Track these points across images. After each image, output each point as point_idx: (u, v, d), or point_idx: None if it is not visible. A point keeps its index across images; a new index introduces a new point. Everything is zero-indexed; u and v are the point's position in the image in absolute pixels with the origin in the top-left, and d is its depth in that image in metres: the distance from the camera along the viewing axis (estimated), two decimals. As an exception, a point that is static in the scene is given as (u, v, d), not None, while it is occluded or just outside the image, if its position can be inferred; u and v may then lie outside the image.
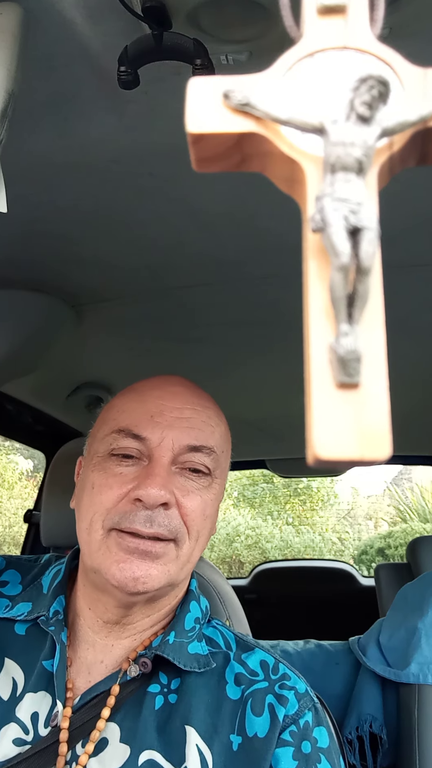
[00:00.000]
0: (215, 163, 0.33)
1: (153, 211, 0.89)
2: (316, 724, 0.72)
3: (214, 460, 0.74)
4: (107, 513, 0.69)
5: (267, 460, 2.56)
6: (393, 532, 7.62)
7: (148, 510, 0.67)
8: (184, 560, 0.71)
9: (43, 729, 0.67)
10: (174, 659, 0.70)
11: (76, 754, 0.66)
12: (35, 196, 0.84)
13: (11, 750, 0.66)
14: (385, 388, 0.28)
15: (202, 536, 0.73)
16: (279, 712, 0.70)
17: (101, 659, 0.73)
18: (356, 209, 0.28)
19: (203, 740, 0.67)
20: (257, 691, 0.72)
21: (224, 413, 0.84)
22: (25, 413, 1.63)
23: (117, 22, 0.56)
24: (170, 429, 0.72)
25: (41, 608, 0.75)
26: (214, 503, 0.75)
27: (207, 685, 0.72)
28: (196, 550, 0.72)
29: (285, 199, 0.34)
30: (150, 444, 0.71)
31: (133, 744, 0.66)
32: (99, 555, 0.69)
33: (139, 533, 0.67)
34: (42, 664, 0.71)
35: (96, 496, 0.70)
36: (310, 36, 0.32)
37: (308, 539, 8.40)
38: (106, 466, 0.72)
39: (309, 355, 0.28)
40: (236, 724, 0.69)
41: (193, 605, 0.78)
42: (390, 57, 0.31)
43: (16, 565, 0.84)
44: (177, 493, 0.70)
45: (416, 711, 1.15)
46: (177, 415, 0.73)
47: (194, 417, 0.74)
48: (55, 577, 0.78)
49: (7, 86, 0.53)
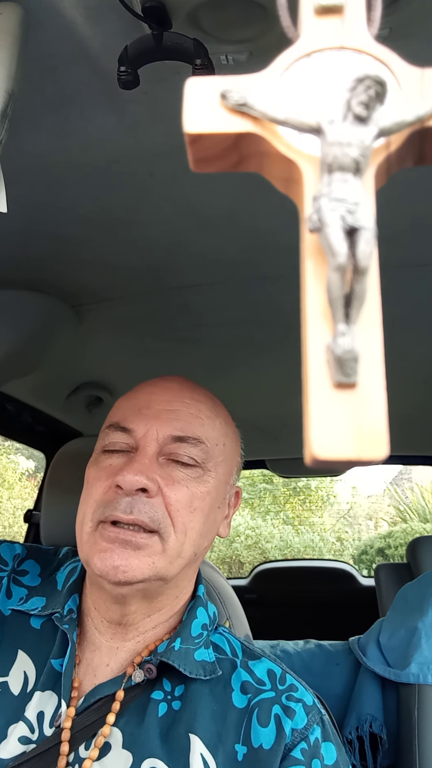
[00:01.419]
0: (213, 164, 0.33)
1: (153, 211, 0.89)
2: (324, 739, 0.71)
3: (203, 452, 0.73)
4: (97, 506, 0.70)
5: (266, 460, 2.56)
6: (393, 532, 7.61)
7: (128, 497, 0.68)
8: (173, 555, 0.69)
9: (48, 729, 0.67)
10: (179, 666, 0.69)
11: (79, 757, 0.66)
12: (35, 196, 0.84)
13: (17, 748, 0.66)
14: (383, 387, 0.28)
15: (191, 529, 0.71)
16: (285, 724, 0.69)
17: (107, 662, 0.73)
18: (353, 209, 0.28)
19: (208, 749, 0.67)
20: (264, 700, 0.71)
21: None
22: (25, 413, 1.63)
23: (117, 22, 0.56)
24: (155, 420, 0.73)
25: (56, 605, 0.75)
26: (205, 497, 0.73)
27: (212, 692, 0.71)
28: (187, 544, 0.71)
29: (285, 199, 0.34)
30: (136, 435, 0.72)
31: (135, 751, 0.66)
32: (87, 547, 0.69)
33: (120, 520, 0.67)
34: (51, 662, 0.72)
35: (89, 490, 0.72)
36: (307, 36, 0.32)
37: (308, 539, 8.40)
38: (99, 461, 0.74)
39: (306, 355, 0.28)
40: (242, 734, 0.69)
41: (200, 611, 0.77)
42: (387, 57, 0.31)
43: (36, 555, 0.84)
44: (161, 482, 0.70)
45: (416, 711, 1.15)
46: (164, 408, 0.74)
47: (182, 409, 0.74)
48: (70, 574, 0.79)
49: (7, 86, 0.53)
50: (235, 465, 0.81)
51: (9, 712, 0.69)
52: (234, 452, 0.81)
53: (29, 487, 8.86)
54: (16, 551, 0.83)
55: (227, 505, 0.81)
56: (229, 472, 0.79)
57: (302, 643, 1.39)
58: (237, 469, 0.82)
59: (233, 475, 0.81)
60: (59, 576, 0.80)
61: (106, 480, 0.71)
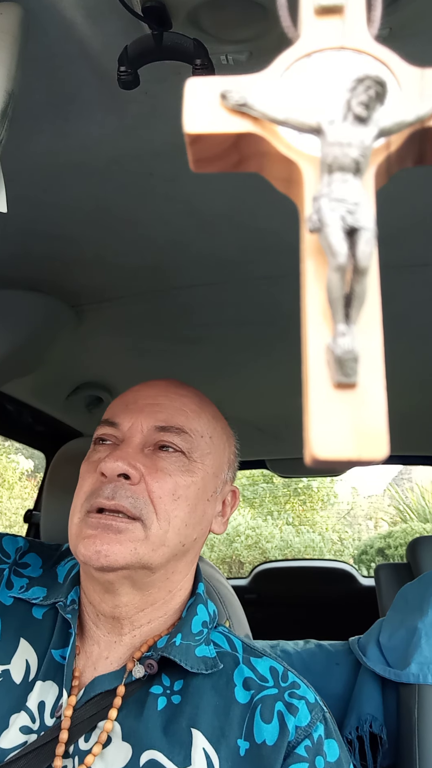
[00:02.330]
0: (213, 164, 0.33)
1: (153, 211, 0.89)
2: (327, 736, 0.72)
3: (187, 441, 0.74)
4: (85, 497, 0.72)
5: (267, 460, 2.56)
6: (393, 532, 7.61)
7: (111, 483, 0.69)
8: (156, 542, 0.69)
9: (49, 719, 0.68)
10: (181, 661, 0.70)
11: (79, 749, 0.66)
12: (35, 196, 0.84)
13: (18, 737, 0.67)
14: (383, 388, 0.28)
15: (174, 517, 0.71)
16: (288, 721, 0.70)
17: (106, 655, 0.73)
18: (353, 209, 0.28)
19: (210, 744, 0.67)
20: (267, 697, 0.71)
21: (224, 413, 0.84)
22: (25, 413, 1.63)
23: (117, 22, 0.56)
24: (140, 413, 0.75)
25: (58, 595, 0.76)
26: (190, 486, 0.73)
27: (215, 687, 0.71)
28: (171, 533, 0.71)
29: (284, 199, 0.34)
30: (122, 429, 0.75)
31: (134, 743, 0.66)
32: (74, 536, 0.70)
33: (103, 506, 0.69)
34: (51, 652, 0.72)
35: (80, 484, 0.75)
36: (307, 36, 0.32)
37: (308, 539, 8.40)
38: (90, 456, 0.77)
39: (306, 355, 0.28)
40: (244, 729, 0.69)
41: (200, 608, 0.78)
42: (387, 57, 0.31)
43: (38, 549, 0.86)
44: (144, 471, 0.71)
45: (416, 711, 1.15)
46: (149, 402, 0.76)
47: (166, 403, 0.76)
48: (72, 568, 0.80)
49: (7, 86, 0.53)
50: (226, 460, 0.81)
51: (12, 700, 0.69)
52: (223, 448, 0.81)
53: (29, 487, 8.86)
54: (18, 544, 0.85)
55: (220, 501, 0.81)
56: (219, 466, 0.79)
57: (302, 643, 1.39)
58: (230, 466, 0.82)
59: (224, 470, 0.81)
60: (60, 569, 0.81)
61: (94, 472, 0.73)
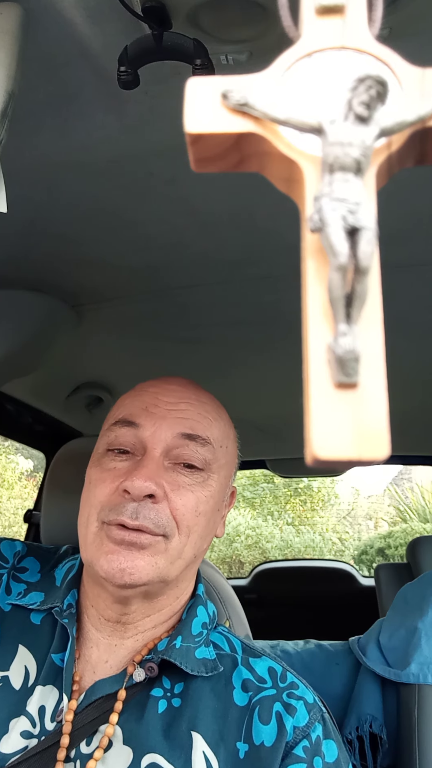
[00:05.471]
0: (214, 164, 0.33)
1: (153, 211, 0.89)
2: (325, 737, 0.72)
3: (211, 452, 0.74)
4: (101, 507, 0.70)
5: (267, 460, 2.56)
6: (393, 532, 7.61)
7: (134, 502, 0.68)
8: (174, 554, 0.70)
9: (50, 723, 0.68)
10: (181, 664, 0.70)
11: (80, 753, 0.66)
12: (35, 196, 0.84)
13: (19, 742, 0.67)
14: (384, 387, 0.28)
15: (194, 532, 0.71)
16: (287, 722, 0.70)
17: (105, 659, 0.73)
18: (354, 209, 0.28)
19: (210, 747, 0.67)
20: (265, 698, 0.71)
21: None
22: (25, 413, 1.63)
23: (117, 22, 0.56)
24: (164, 419, 0.73)
25: (55, 599, 0.75)
26: (209, 501, 0.73)
27: (214, 690, 0.71)
28: (188, 546, 0.71)
29: (285, 199, 0.34)
30: (144, 433, 0.72)
31: (135, 746, 0.66)
32: (92, 548, 0.69)
33: (125, 524, 0.67)
34: (51, 657, 0.72)
35: (92, 491, 0.72)
36: (308, 36, 0.32)
37: (308, 539, 8.39)
38: (103, 462, 0.73)
39: (307, 355, 0.28)
40: (243, 732, 0.69)
41: (200, 610, 0.78)
42: (388, 57, 0.31)
43: (36, 552, 0.85)
44: (167, 488, 0.70)
45: (416, 711, 1.15)
46: (171, 408, 0.74)
47: (189, 409, 0.75)
48: (69, 571, 0.79)
49: (7, 86, 0.53)
50: (234, 467, 0.82)
51: (11, 706, 0.69)
52: (234, 455, 0.82)
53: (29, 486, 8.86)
54: (16, 548, 0.84)
55: (224, 506, 0.81)
56: (229, 474, 0.80)
57: (302, 643, 1.39)
58: (235, 470, 0.83)
59: (232, 477, 0.82)
60: (57, 572, 0.81)
61: (111, 482, 0.71)
